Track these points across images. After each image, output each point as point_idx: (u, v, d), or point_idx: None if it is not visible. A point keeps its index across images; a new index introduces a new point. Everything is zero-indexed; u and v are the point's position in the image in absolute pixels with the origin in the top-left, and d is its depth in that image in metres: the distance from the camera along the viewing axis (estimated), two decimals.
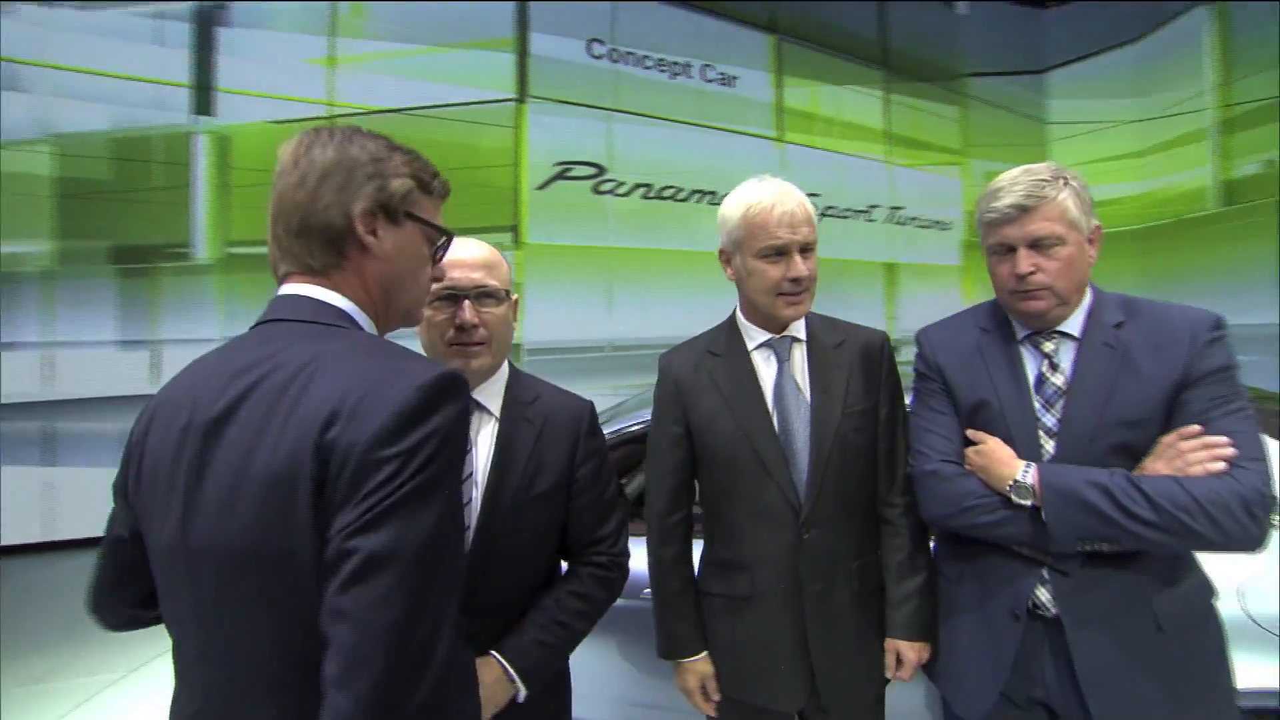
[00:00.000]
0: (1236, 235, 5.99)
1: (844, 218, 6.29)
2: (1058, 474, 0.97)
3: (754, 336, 1.23)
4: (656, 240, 5.49)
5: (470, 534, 0.98)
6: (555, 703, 1.07)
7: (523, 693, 0.96)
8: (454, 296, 1.02)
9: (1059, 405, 1.04)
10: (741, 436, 1.17)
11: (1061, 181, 1.02)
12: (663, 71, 5.55)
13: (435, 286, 0.97)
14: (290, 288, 0.72)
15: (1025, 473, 0.99)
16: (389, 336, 0.77)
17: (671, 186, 5.56)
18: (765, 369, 1.22)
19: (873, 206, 6.46)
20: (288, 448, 0.58)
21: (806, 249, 1.15)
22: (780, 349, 1.22)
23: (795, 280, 1.14)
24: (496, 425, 1.05)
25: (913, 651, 1.17)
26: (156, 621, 0.77)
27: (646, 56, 5.49)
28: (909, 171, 6.63)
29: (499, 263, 1.07)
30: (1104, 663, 0.99)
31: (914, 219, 6.66)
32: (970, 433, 1.08)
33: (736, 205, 1.18)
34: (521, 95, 5.06)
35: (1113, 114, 7.01)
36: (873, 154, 6.47)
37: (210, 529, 0.61)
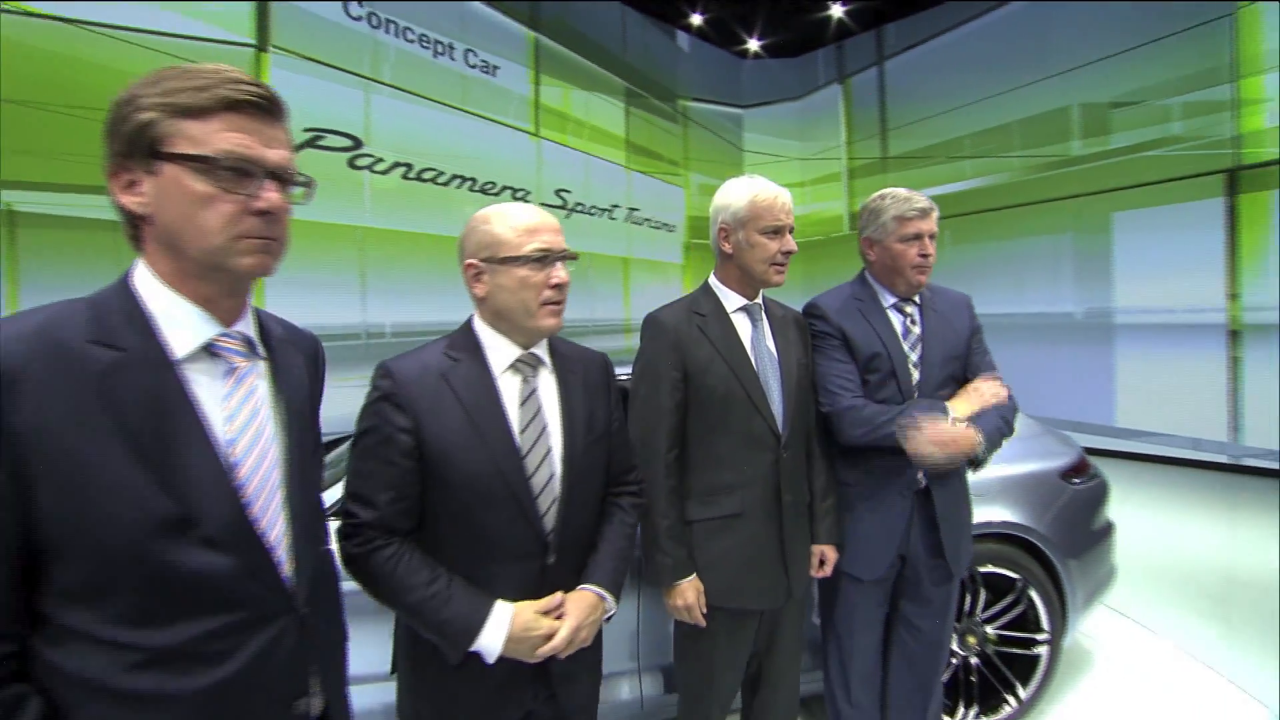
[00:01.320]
0: (858, 252, 8.32)
1: (591, 215, 6.92)
2: (981, 421, 1.52)
3: (733, 301, 1.56)
4: (415, 223, 5.33)
5: (558, 480, 1.14)
6: (598, 647, 1.27)
7: (613, 607, 1.19)
8: (545, 258, 1.13)
9: (918, 348, 1.66)
10: (733, 378, 1.49)
11: None
12: (425, 48, 5.34)
13: (530, 248, 1.10)
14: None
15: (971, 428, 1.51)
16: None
17: (432, 169, 5.43)
18: (743, 327, 1.56)
19: (614, 206, 7.21)
20: None
21: (792, 231, 1.54)
22: (754, 313, 1.58)
23: (787, 254, 1.52)
24: (554, 377, 1.21)
25: (833, 553, 1.63)
26: None
27: (409, 29, 5.22)
28: (643, 177, 7.55)
29: None
30: (948, 511, 1.64)
31: (647, 220, 7.63)
32: (906, 421, 1.49)
33: (742, 192, 1.51)
34: (262, 43, 4.39)
35: (785, 150, 8.99)
36: (615, 159, 7.20)
37: None
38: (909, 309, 1.69)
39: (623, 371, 1.60)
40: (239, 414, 0.76)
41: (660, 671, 1.91)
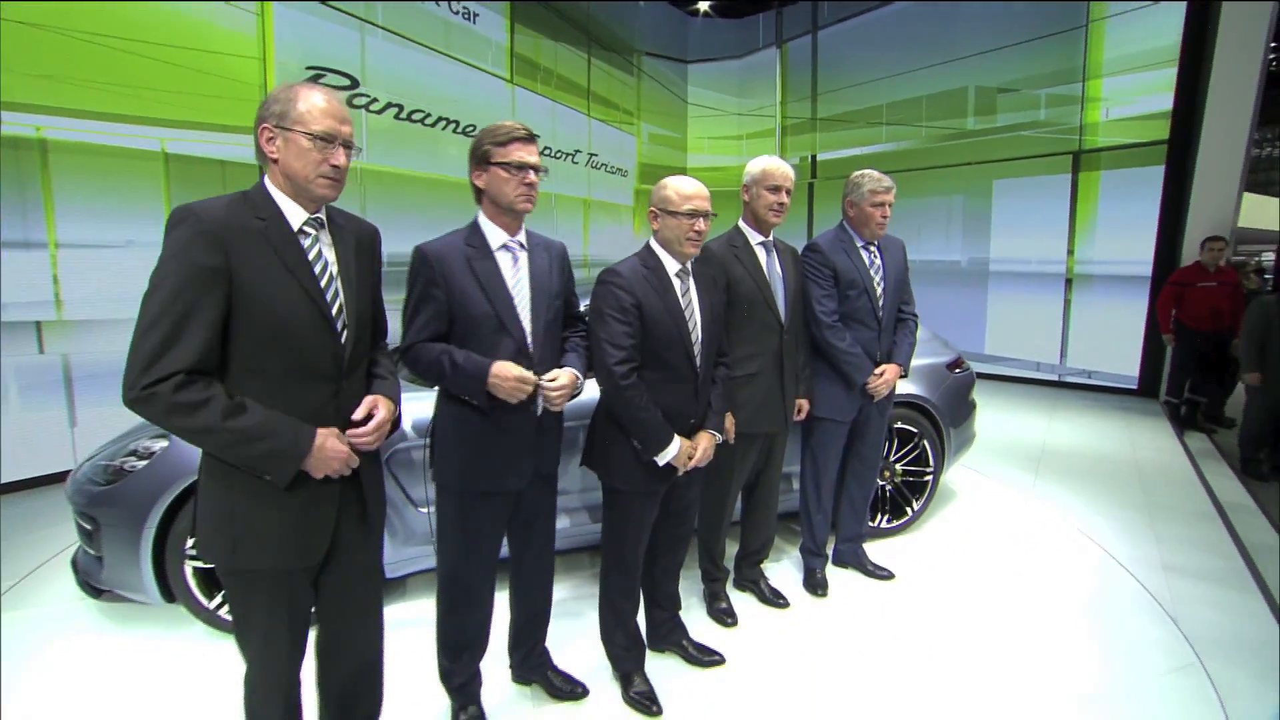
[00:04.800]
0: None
1: (557, 158, 7.47)
2: (901, 356, 2.61)
3: (755, 237, 2.42)
4: (407, 162, 5.74)
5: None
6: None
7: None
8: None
9: (879, 276, 2.62)
10: (755, 289, 2.34)
11: None
12: None
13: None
14: None
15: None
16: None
17: (420, 110, 5.80)
18: (762, 256, 2.41)
19: (577, 151, 7.77)
20: None
21: (790, 191, 2.39)
22: (768, 247, 2.44)
23: (781, 207, 2.38)
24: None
25: (807, 404, 2.63)
26: None
27: None
28: (602, 125, 8.12)
29: None
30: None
31: (605, 165, 8.25)
32: (870, 380, 2.58)
33: (760, 163, 2.40)
34: None
35: (724, 105, 9.75)
36: (578, 108, 7.71)
37: None
38: (873, 249, 2.65)
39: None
40: (312, 251, 1.33)
41: None
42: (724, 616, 2.55)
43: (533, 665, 2.11)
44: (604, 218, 8.27)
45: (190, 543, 2.33)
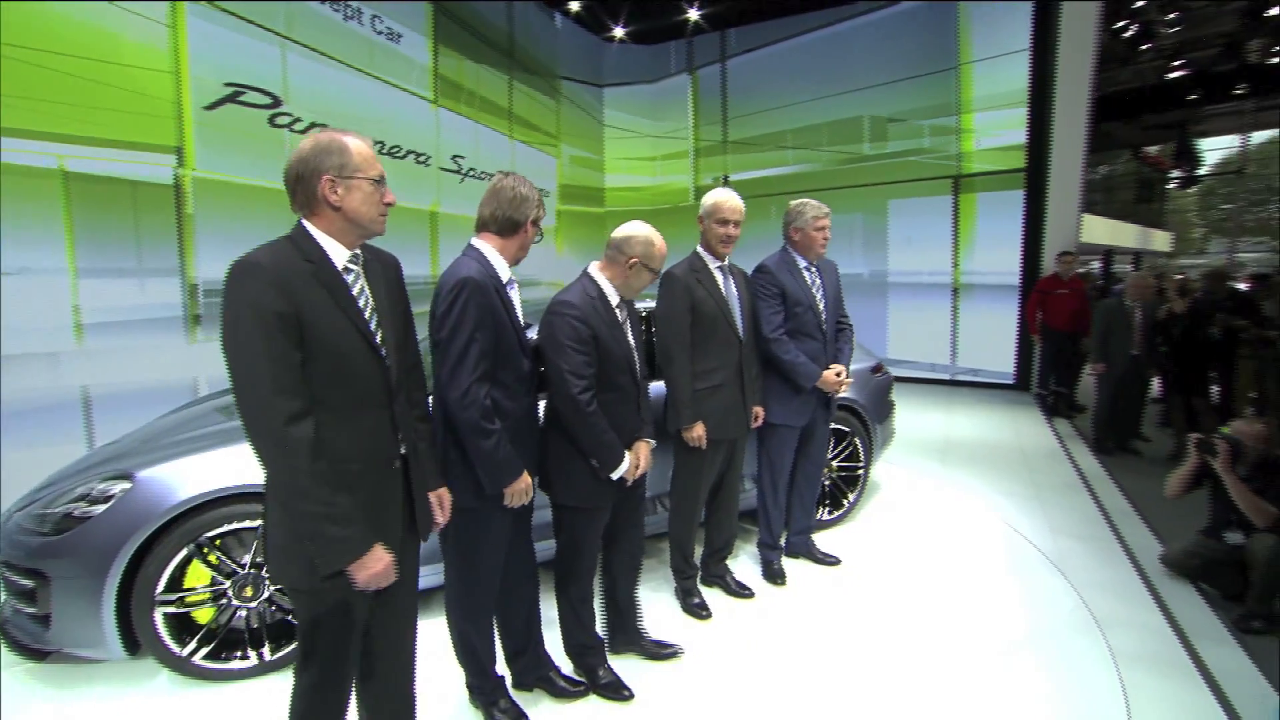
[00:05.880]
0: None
1: (482, 179, 7.48)
2: (844, 358, 2.94)
3: (713, 262, 2.67)
4: None
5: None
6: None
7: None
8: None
9: (820, 294, 2.92)
10: (718, 309, 2.60)
11: None
12: (336, 10, 5.52)
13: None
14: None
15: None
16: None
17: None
18: (720, 279, 2.66)
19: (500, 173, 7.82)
20: None
21: (738, 224, 2.65)
22: (725, 270, 2.71)
23: (729, 239, 2.64)
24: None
25: (763, 411, 2.88)
26: None
27: None
28: (525, 147, 8.23)
29: None
30: (831, 396, 2.98)
31: None
32: (805, 373, 2.85)
33: (712, 198, 2.64)
34: None
35: (639, 128, 10.14)
36: (501, 129, 7.78)
37: None
38: (813, 269, 2.99)
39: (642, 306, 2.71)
40: (355, 287, 1.41)
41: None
42: (699, 610, 2.76)
43: (532, 669, 2.23)
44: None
45: (161, 587, 2.24)
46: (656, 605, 2.83)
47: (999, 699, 2.20)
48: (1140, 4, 9.69)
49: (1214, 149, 19.32)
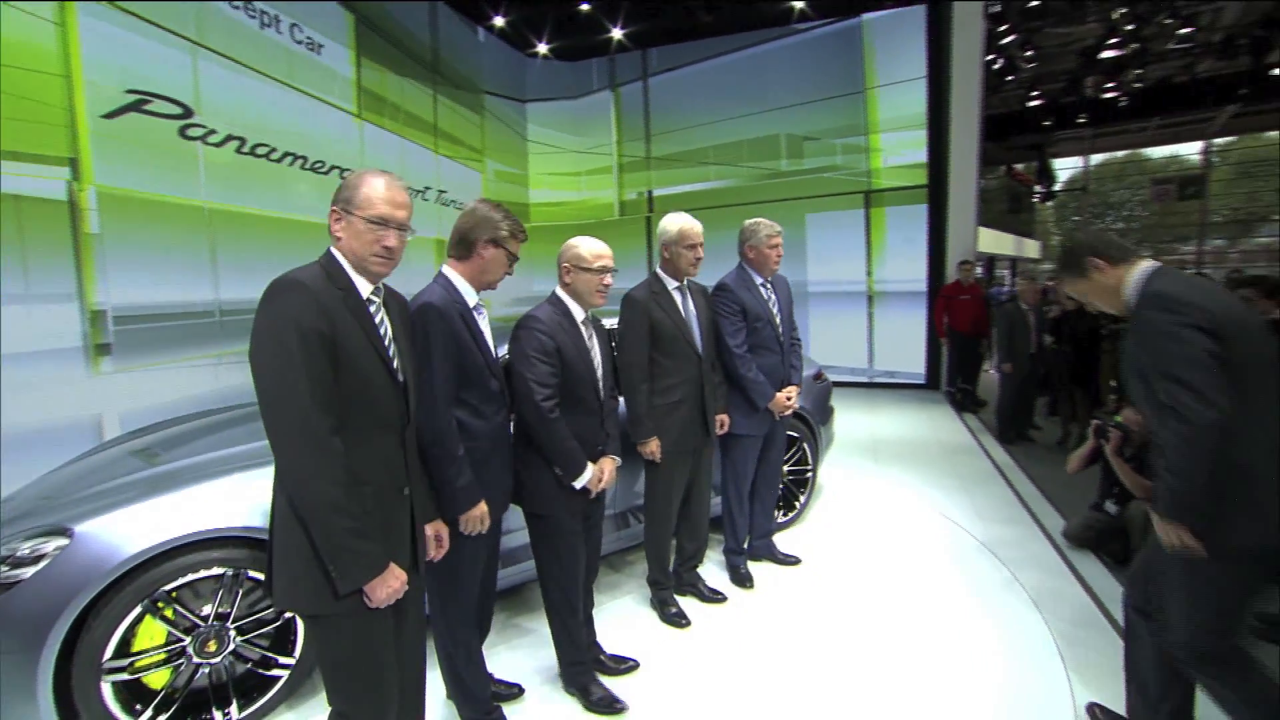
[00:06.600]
0: (626, 233, 9.89)
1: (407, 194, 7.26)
2: (799, 375, 3.09)
3: (671, 284, 2.77)
4: (256, 201, 5.27)
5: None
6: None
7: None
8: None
9: (776, 309, 3.07)
10: (676, 329, 2.69)
11: None
12: (252, 17, 5.21)
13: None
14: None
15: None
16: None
17: (265, 145, 5.37)
18: (679, 299, 2.77)
19: (427, 188, 7.64)
20: None
21: (701, 246, 2.74)
22: (683, 290, 2.80)
23: (699, 259, 2.74)
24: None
25: (726, 419, 2.99)
26: None
27: None
28: (449, 162, 8.06)
29: None
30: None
31: (454, 202, 8.18)
32: (761, 391, 2.98)
33: (675, 224, 2.72)
34: None
35: (562, 143, 10.19)
36: (425, 144, 7.60)
37: None
38: (768, 286, 3.15)
39: (609, 321, 2.77)
40: (377, 317, 1.45)
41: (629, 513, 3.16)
42: (678, 619, 2.84)
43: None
44: None
45: (109, 654, 2.04)
46: (636, 617, 2.89)
47: (959, 675, 2.43)
48: (1006, 41, 10.97)
49: (1064, 169, 22.17)
